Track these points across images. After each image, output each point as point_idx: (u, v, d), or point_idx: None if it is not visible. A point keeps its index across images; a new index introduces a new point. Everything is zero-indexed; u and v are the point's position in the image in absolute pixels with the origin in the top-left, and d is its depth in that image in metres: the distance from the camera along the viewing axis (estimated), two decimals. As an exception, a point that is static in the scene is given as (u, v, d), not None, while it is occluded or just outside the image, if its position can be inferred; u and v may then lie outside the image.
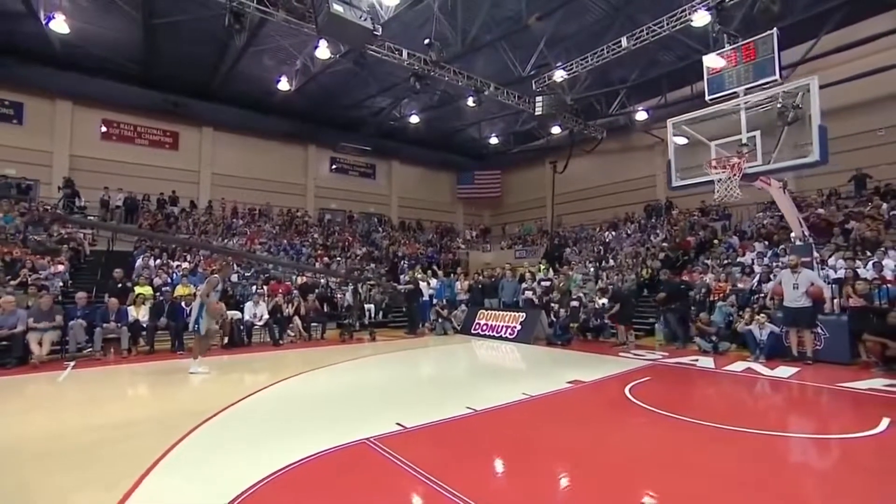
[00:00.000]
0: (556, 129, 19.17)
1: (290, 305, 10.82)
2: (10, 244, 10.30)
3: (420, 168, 25.63)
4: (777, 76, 6.36)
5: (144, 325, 8.83)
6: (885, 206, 11.37)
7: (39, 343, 7.47)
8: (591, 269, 13.82)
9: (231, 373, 7.31)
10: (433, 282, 13.67)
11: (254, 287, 11.54)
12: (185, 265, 12.22)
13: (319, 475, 3.25)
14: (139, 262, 11.62)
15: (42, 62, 14.70)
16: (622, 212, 19.86)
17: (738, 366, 7.26)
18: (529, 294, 11.85)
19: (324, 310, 11.87)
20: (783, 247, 10.12)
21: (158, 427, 4.31)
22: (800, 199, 14.08)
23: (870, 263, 8.75)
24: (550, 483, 3.21)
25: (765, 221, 13.46)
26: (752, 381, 6.45)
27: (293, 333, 10.52)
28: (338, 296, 12.66)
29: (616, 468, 3.43)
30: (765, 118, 6.62)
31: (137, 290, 9.44)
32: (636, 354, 8.51)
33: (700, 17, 10.92)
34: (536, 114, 14.56)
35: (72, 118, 16.45)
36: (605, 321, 10.09)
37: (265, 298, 10.80)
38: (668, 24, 11.32)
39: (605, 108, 18.07)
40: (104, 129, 17.21)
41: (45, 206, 13.94)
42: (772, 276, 8.88)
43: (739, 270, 10.60)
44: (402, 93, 17.09)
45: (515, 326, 10.75)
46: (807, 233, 8.37)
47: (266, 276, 12.80)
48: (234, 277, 12.44)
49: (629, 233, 17.61)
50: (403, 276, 14.56)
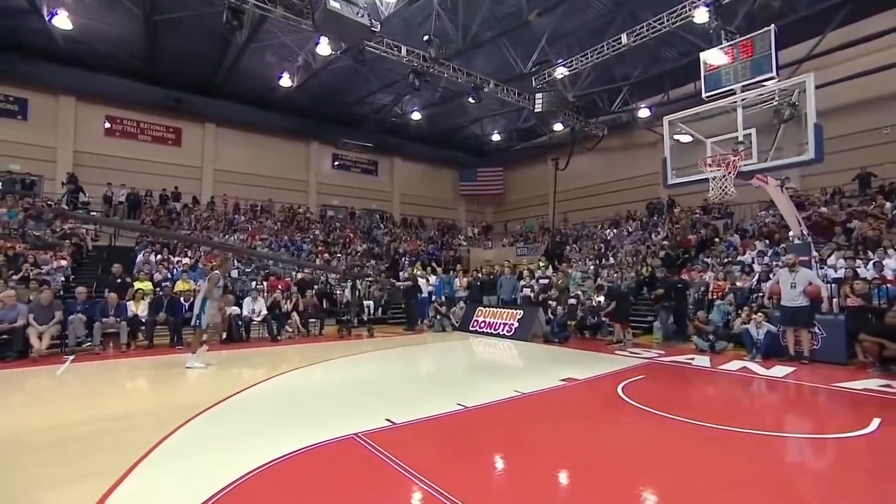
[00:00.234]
0: (559, 127, 19.09)
1: (289, 301, 10.87)
2: (13, 239, 10.40)
3: (422, 165, 25.59)
4: (774, 73, 6.29)
5: (143, 320, 8.91)
6: (889, 206, 11.26)
7: (39, 337, 7.56)
8: (591, 267, 13.77)
9: (227, 368, 7.37)
10: (432, 279, 13.68)
11: (253, 283, 11.63)
12: (186, 261, 12.29)
13: (303, 469, 3.28)
14: (140, 258, 11.71)
15: (46, 58, 14.79)
16: (624, 209, 19.77)
17: (734, 365, 7.22)
18: (527, 291, 11.84)
19: (323, 306, 11.92)
20: (783, 246, 10.04)
21: (152, 420, 4.36)
22: (803, 198, 13.98)
23: (870, 263, 8.69)
24: (533, 481, 3.21)
25: (767, 220, 13.34)
26: (746, 381, 6.42)
27: (291, 329, 10.57)
28: (337, 292, 12.70)
29: (601, 466, 3.43)
30: (761, 116, 6.56)
31: (137, 286, 9.53)
32: (632, 353, 8.48)
33: (701, 14, 10.84)
34: (536, 111, 14.49)
35: (75, 114, 16.55)
36: (603, 319, 10.07)
37: (264, 294, 10.88)
38: (668, 21, 11.23)
39: (608, 106, 17.96)
40: (107, 126, 17.32)
41: (49, 202, 14.05)
42: (771, 276, 8.82)
43: (739, 269, 10.53)
44: (404, 89, 17.04)
45: (513, 324, 10.75)
46: (805, 231, 8.31)
47: (266, 272, 12.86)
48: (234, 273, 12.51)
49: (630, 230, 17.52)
50: (403, 273, 14.58)
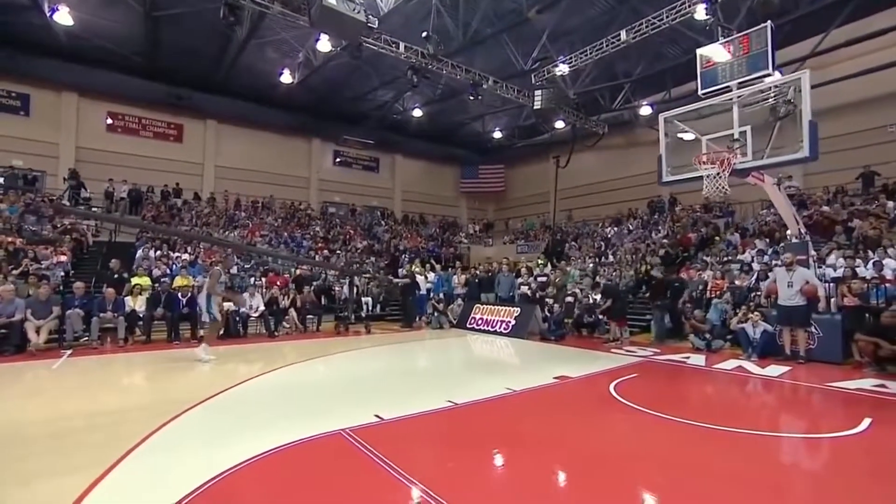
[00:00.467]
0: (560, 124, 19.01)
1: (286, 298, 10.90)
2: (13, 234, 10.47)
3: (424, 162, 25.56)
4: (770, 70, 6.23)
5: (141, 315, 8.96)
6: (891, 205, 11.14)
7: (37, 332, 7.62)
8: (590, 265, 13.72)
9: (223, 363, 7.37)
10: (431, 275, 13.68)
11: (252, 279, 11.67)
12: (185, 257, 12.34)
13: (285, 465, 3.29)
14: (139, 253, 11.76)
15: (48, 54, 14.85)
16: (626, 207, 19.67)
17: (729, 364, 7.19)
18: (525, 289, 11.82)
19: (321, 302, 11.95)
20: (783, 244, 9.97)
21: (143, 414, 4.38)
22: (805, 197, 13.88)
23: (870, 263, 8.61)
24: (516, 478, 3.21)
25: (768, 219, 13.24)
26: (740, 380, 6.39)
27: (288, 325, 10.61)
28: (336, 288, 12.72)
29: (586, 464, 3.43)
30: (757, 113, 6.50)
31: (135, 281, 9.58)
32: (628, 351, 8.47)
33: (701, 11, 10.72)
34: (535, 108, 14.42)
35: (77, 110, 16.63)
36: (600, 317, 10.04)
37: (262, 290, 10.92)
38: (668, 17, 11.14)
39: (610, 103, 17.87)
40: (109, 121, 17.39)
41: (51, 198, 14.13)
42: (769, 275, 8.76)
43: (738, 268, 10.47)
44: (405, 86, 16.94)
45: (510, 321, 10.74)
46: (803, 230, 8.24)
47: (265, 269, 12.90)
48: (234, 269, 12.56)
49: (631, 228, 17.45)
50: (402, 270, 14.58)
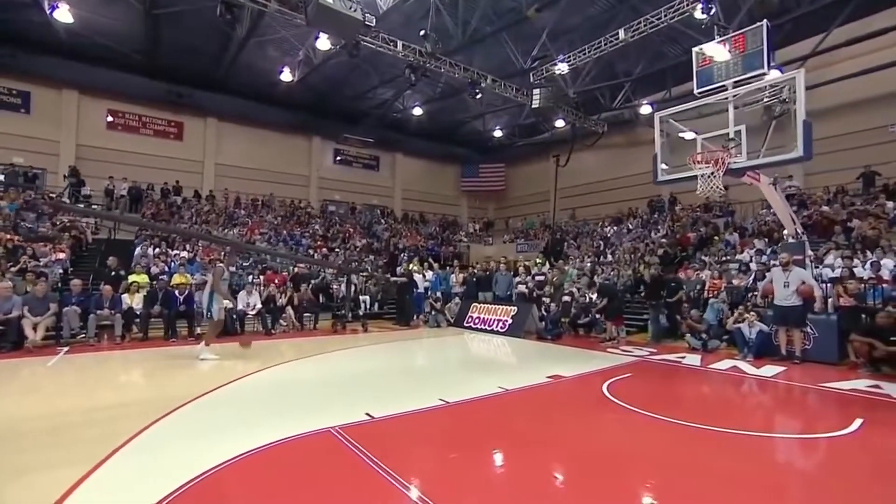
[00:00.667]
0: (560, 123, 18.97)
1: (284, 295, 10.92)
2: (11, 231, 10.50)
3: (424, 160, 25.56)
4: (766, 69, 6.21)
5: (138, 313, 8.98)
6: (891, 205, 11.09)
7: (34, 328, 7.65)
8: (588, 265, 13.70)
9: (219, 360, 7.38)
10: (429, 274, 13.67)
11: (250, 277, 11.69)
12: (184, 254, 12.37)
13: (272, 462, 3.29)
14: (138, 251, 11.79)
15: (48, 52, 14.90)
16: (626, 207, 19.62)
17: (724, 364, 7.17)
18: (522, 288, 11.81)
19: (319, 300, 11.96)
20: (781, 244, 9.95)
21: (136, 411, 4.39)
22: (805, 197, 13.83)
23: (868, 263, 8.58)
24: (500, 478, 3.21)
25: (767, 219, 13.20)
26: (734, 380, 6.38)
27: (285, 323, 10.62)
28: (333, 287, 12.73)
29: (572, 464, 3.43)
30: (753, 113, 6.47)
31: (132, 278, 9.60)
32: (624, 350, 8.45)
33: (699, 10, 10.64)
34: (533, 107, 14.38)
35: (78, 107, 16.69)
36: (596, 316, 10.02)
37: (259, 288, 10.94)
38: (666, 16, 11.09)
39: (610, 102, 17.83)
40: (110, 119, 17.44)
41: (50, 195, 14.18)
42: (766, 275, 8.73)
43: (736, 268, 10.45)
44: (405, 85, 16.87)
45: (507, 320, 10.73)
46: (800, 230, 8.21)
47: (263, 266, 12.92)
48: (232, 267, 12.57)
49: (630, 228, 17.42)
50: (399, 269, 14.59)
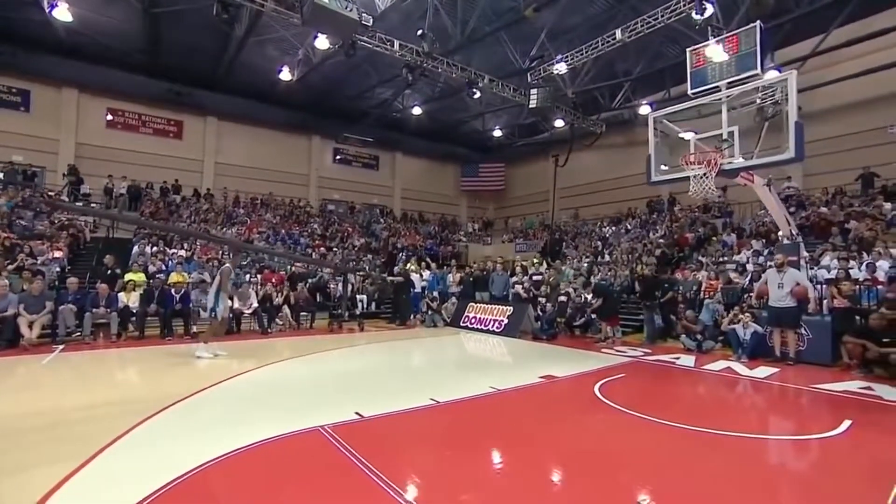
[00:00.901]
0: (560, 123, 18.95)
1: (280, 294, 10.94)
2: (6, 229, 10.53)
3: (424, 160, 25.56)
4: (759, 70, 6.20)
5: (134, 311, 9.01)
6: (888, 206, 11.07)
7: (30, 326, 7.68)
8: (585, 265, 13.70)
9: (214, 359, 7.39)
10: (426, 273, 13.68)
11: (247, 276, 11.71)
12: (182, 253, 12.39)
13: (259, 461, 3.30)
14: (135, 250, 11.82)
15: (48, 50, 14.94)
16: (625, 207, 19.59)
17: (718, 365, 7.16)
18: (518, 288, 11.81)
19: (316, 299, 11.98)
20: (777, 245, 9.92)
21: (127, 409, 4.40)
22: (804, 198, 13.81)
23: (864, 264, 8.56)
24: (485, 478, 3.20)
25: (765, 220, 13.18)
26: (727, 381, 6.37)
27: (282, 322, 10.65)
28: (331, 286, 12.75)
29: (559, 465, 3.44)
30: (747, 114, 6.47)
31: (128, 277, 9.63)
32: (619, 351, 8.44)
33: (707, 9, 10.59)
34: (530, 107, 14.37)
35: (78, 106, 16.71)
36: (592, 316, 10.02)
37: (256, 287, 10.96)
38: (663, 17, 11.07)
39: (609, 102, 17.82)
40: (110, 118, 17.46)
41: (49, 193, 14.22)
42: (763, 276, 8.71)
43: (733, 269, 10.43)
44: (403, 84, 16.93)
45: (503, 320, 10.74)
46: (794, 231, 8.19)
47: (261, 265, 12.94)
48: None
49: (629, 228, 17.40)
50: (397, 268, 14.59)
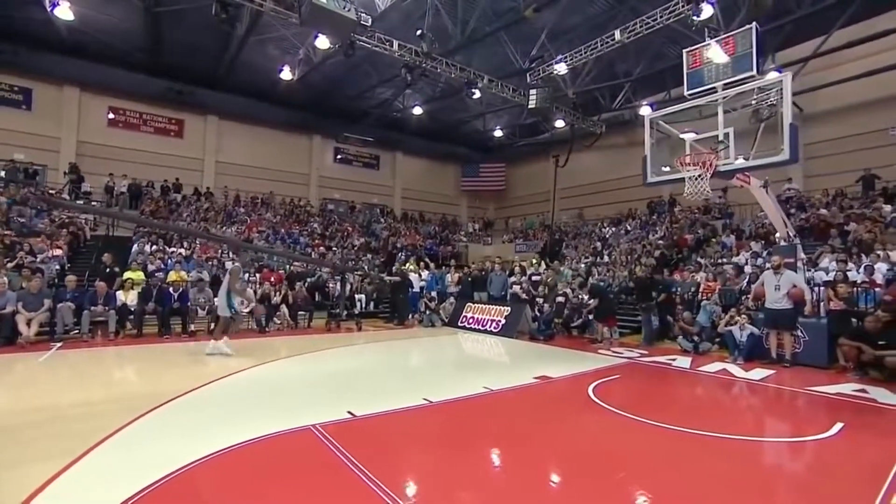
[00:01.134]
0: (560, 123, 18.94)
1: (278, 293, 10.97)
2: (5, 226, 10.58)
3: (424, 160, 25.58)
4: (755, 72, 6.19)
5: (132, 309, 9.04)
6: (888, 209, 11.03)
7: (28, 324, 7.72)
8: (583, 266, 13.69)
9: (209, 357, 7.43)
10: (424, 273, 13.69)
11: (245, 275, 11.72)
12: (182, 251, 12.42)
13: (251, 459, 3.33)
14: (135, 248, 11.87)
15: (50, 49, 15.01)
16: (626, 207, 19.57)
17: (714, 366, 7.15)
18: (517, 288, 11.81)
19: (314, 299, 12.01)
20: (774, 247, 9.91)
21: (121, 406, 4.42)
22: (804, 199, 13.78)
23: (862, 266, 8.54)
24: (474, 478, 3.21)
25: (765, 221, 13.14)
26: (721, 383, 6.35)
27: (280, 321, 10.67)
28: (329, 285, 12.78)
29: (547, 465, 3.44)
30: (743, 115, 6.46)
31: (127, 275, 9.66)
32: (615, 352, 8.43)
33: (704, 11, 10.57)
34: (529, 107, 14.36)
35: (79, 105, 16.77)
36: (589, 317, 10.00)
37: (255, 286, 10.98)
38: (662, 17, 11.04)
39: (610, 103, 17.81)
40: (111, 116, 17.53)
41: (50, 191, 14.27)
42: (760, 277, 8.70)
43: (731, 270, 10.40)
44: (404, 84, 16.93)
45: (500, 320, 10.74)
46: (792, 233, 8.17)
47: (260, 264, 12.98)
48: (229, 265, 12.61)
49: (629, 229, 17.38)
50: (395, 268, 14.61)
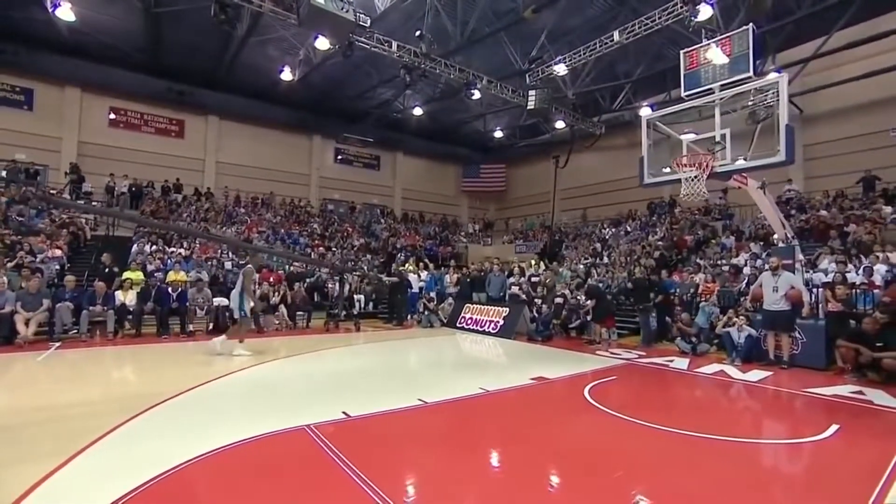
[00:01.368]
0: (560, 124, 18.93)
1: (277, 294, 10.99)
2: (2, 225, 10.61)
3: (425, 160, 25.59)
4: (751, 73, 6.18)
5: (131, 309, 9.06)
6: (888, 210, 11.00)
7: (26, 324, 7.75)
8: (581, 267, 13.68)
9: (207, 357, 7.41)
10: (423, 274, 13.70)
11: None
12: (182, 252, 12.45)
13: (244, 459, 3.34)
14: (135, 248, 11.90)
15: (52, 49, 15.08)
16: (626, 208, 19.55)
17: (711, 368, 7.13)
18: (515, 289, 11.81)
19: (313, 299, 12.02)
20: (772, 248, 9.89)
21: (117, 406, 4.42)
22: (804, 201, 13.74)
23: (861, 268, 8.52)
24: (465, 478, 3.20)
25: (765, 222, 13.10)
26: (718, 384, 6.34)
27: (278, 322, 10.69)
28: (329, 285, 12.79)
29: (538, 467, 3.42)
30: (739, 116, 6.45)
31: (126, 275, 9.69)
32: (613, 353, 8.41)
33: (701, 12, 10.56)
34: (529, 108, 14.35)
35: (80, 105, 16.84)
36: (587, 318, 9.98)
37: (255, 286, 10.97)
38: (660, 18, 11.03)
39: (610, 104, 17.80)
40: (112, 117, 17.59)
41: (51, 191, 14.31)
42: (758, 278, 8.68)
43: (728, 271, 10.39)
44: (404, 84, 16.95)
45: (498, 321, 10.73)
46: (790, 234, 8.16)
47: (259, 265, 12.97)
48: (228, 265, 12.67)
49: (629, 230, 17.36)
50: (393, 268, 14.62)
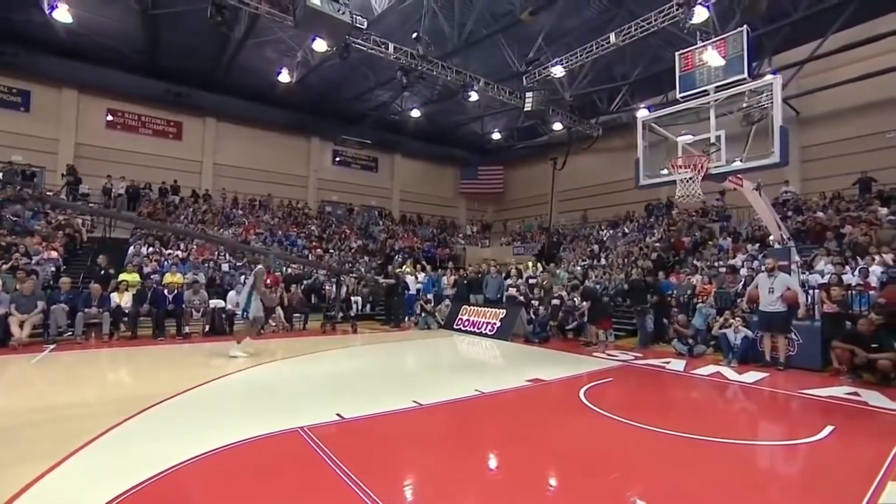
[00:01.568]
0: (558, 126, 18.95)
1: (274, 295, 10.94)
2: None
3: (423, 162, 25.60)
4: (746, 74, 6.21)
5: (127, 311, 9.03)
6: (885, 211, 11.02)
7: (20, 326, 7.71)
8: (578, 268, 13.68)
9: (205, 358, 7.43)
10: (421, 276, 13.69)
11: (241, 277, 11.73)
12: (178, 254, 12.43)
13: (236, 460, 3.34)
14: (131, 250, 11.87)
15: (49, 51, 15.05)
16: (624, 210, 19.57)
17: (707, 369, 7.13)
18: (513, 291, 11.80)
19: (310, 301, 12.00)
20: (768, 249, 9.90)
21: (111, 408, 4.40)
22: (801, 202, 13.77)
23: (857, 269, 8.53)
24: (457, 480, 3.19)
25: (762, 224, 13.08)
26: (714, 386, 6.34)
27: (275, 324, 10.66)
28: (326, 287, 12.77)
29: (532, 468, 3.41)
30: (735, 118, 6.46)
31: (122, 277, 9.66)
32: (610, 355, 8.40)
33: (696, 14, 10.59)
34: (526, 110, 14.37)
35: (77, 106, 16.80)
36: (584, 320, 9.98)
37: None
38: (657, 20, 11.06)
39: (607, 105, 17.84)
40: (109, 118, 17.55)
41: (48, 193, 14.28)
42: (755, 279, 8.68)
43: (727, 273, 10.40)
44: (401, 86, 17.00)
45: (495, 323, 10.71)
46: (786, 236, 8.17)
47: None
48: (225, 267, 12.65)
49: (626, 231, 17.38)
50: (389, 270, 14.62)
